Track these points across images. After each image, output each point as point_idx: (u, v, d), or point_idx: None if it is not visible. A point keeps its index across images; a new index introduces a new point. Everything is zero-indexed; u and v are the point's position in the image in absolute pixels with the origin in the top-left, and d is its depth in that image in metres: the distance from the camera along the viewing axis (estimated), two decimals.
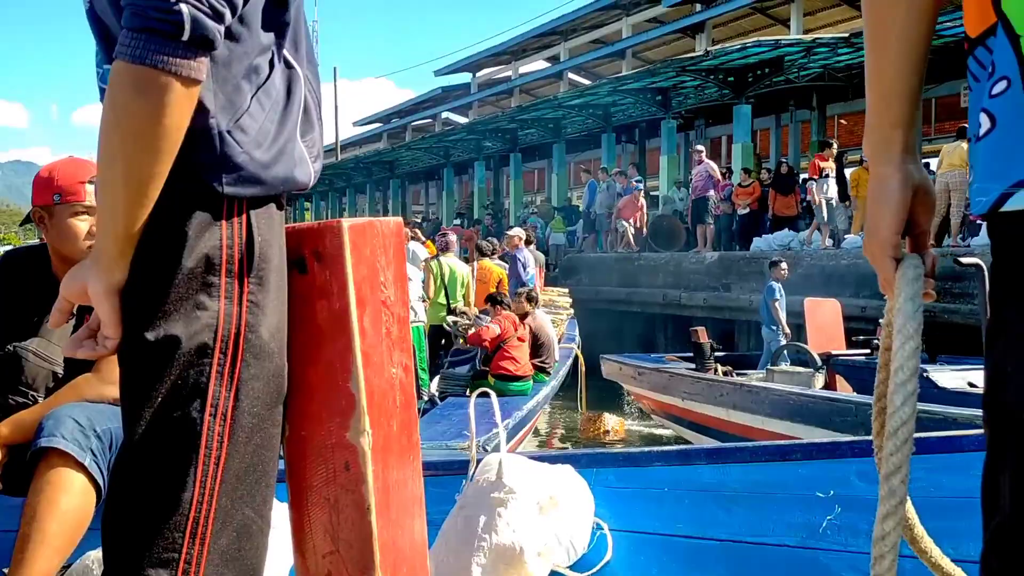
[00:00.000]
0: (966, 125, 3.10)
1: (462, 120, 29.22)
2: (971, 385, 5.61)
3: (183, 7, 0.95)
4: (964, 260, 4.49)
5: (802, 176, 14.36)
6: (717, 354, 8.23)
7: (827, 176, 12.30)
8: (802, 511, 1.81)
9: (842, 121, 18.08)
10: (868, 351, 7.05)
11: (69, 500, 1.82)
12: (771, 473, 1.92)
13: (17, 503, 1.91)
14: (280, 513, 1.61)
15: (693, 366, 7.90)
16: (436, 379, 8.00)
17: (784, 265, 9.47)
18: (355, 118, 43.35)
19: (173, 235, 1.04)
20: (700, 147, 15.51)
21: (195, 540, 1.05)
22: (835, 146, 13.08)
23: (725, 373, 7.63)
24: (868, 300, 9.72)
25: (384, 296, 1.32)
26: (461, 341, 8.16)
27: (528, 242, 11.18)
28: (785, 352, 7.83)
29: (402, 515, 1.31)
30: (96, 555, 2.04)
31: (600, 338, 12.31)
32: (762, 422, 6.47)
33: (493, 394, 2.04)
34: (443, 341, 8.71)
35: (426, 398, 7.47)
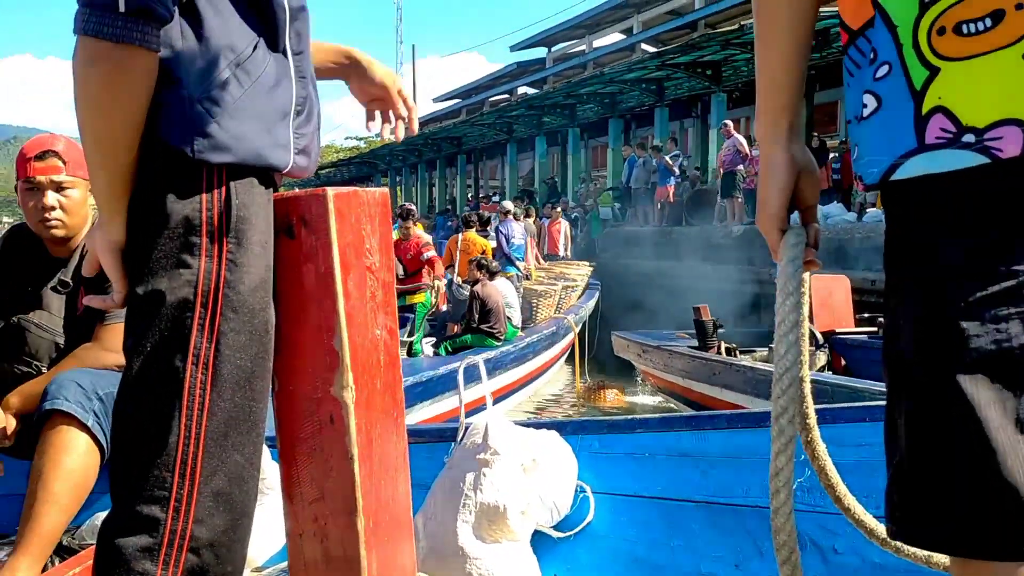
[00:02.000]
0: None
1: None
2: None
3: None
4: None
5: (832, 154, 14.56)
6: (724, 330, 8.17)
7: None
8: None
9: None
10: (874, 329, 7.01)
11: (73, 460, 1.91)
12: (746, 439, 2.00)
13: (22, 466, 2.01)
14: (276, 473, 1.70)
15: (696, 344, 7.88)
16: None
17: None
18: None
19: (158, 199, 1.13)
20: (728, 121, 15.51)
21: (184, 480, 1.13)
22: None
23: (728, 351, 7.56)
24: (878, 273, 9.74)
25: (369, 262, 1.40)
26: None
27: (517, 216, 11.35)
28: None
29: (385, 467, 1.39)
30: (104, 515, 2.14)
31: (630, 312, 12.44)
32: (750, 402, 6.47)
33: (480, 361, 2.12)
34: None
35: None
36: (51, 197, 2.14)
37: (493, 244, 10.94)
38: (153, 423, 1.13)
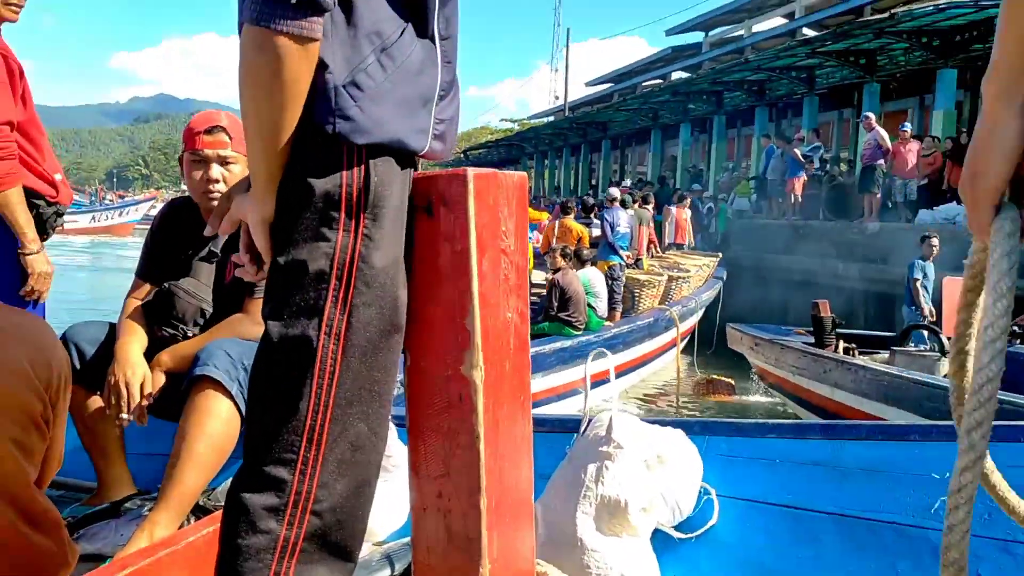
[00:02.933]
0: None
1: None
2: None
3: None
4: None
5: None
6: (847, 330, 7.82)
7: None
8: (915, 490, 1.78)
9: None
10: (1017, 338, 6.58)
11: (217, 424, 2.01)
12: (885, 452, 1.89)
13: (169, 428, 2.13)
14: (402, 452, 1.72)
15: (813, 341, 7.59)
16: None
17: (935, 241, 8.76)
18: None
19: (302, 176, 1.17)
20: (869, 114, 14.73)
21: (311, 445, 1.17)
22: None
23: (847, 351, 7.23)
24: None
25: (504, 245, 1.40)
26: None
27: (623, 203, 11.06)
28: (924, 334, 7.32)
29: (509, 449, 1.39)
30: None
31: (754, 306, 12.11)
32: (859, 403, 6.20)
33: (608, 352, 2.10)
34: None
35: None
36: (216, 170, 2.27)
37: (597, 232, 10.69)
38: (286, 389, 1.17)
